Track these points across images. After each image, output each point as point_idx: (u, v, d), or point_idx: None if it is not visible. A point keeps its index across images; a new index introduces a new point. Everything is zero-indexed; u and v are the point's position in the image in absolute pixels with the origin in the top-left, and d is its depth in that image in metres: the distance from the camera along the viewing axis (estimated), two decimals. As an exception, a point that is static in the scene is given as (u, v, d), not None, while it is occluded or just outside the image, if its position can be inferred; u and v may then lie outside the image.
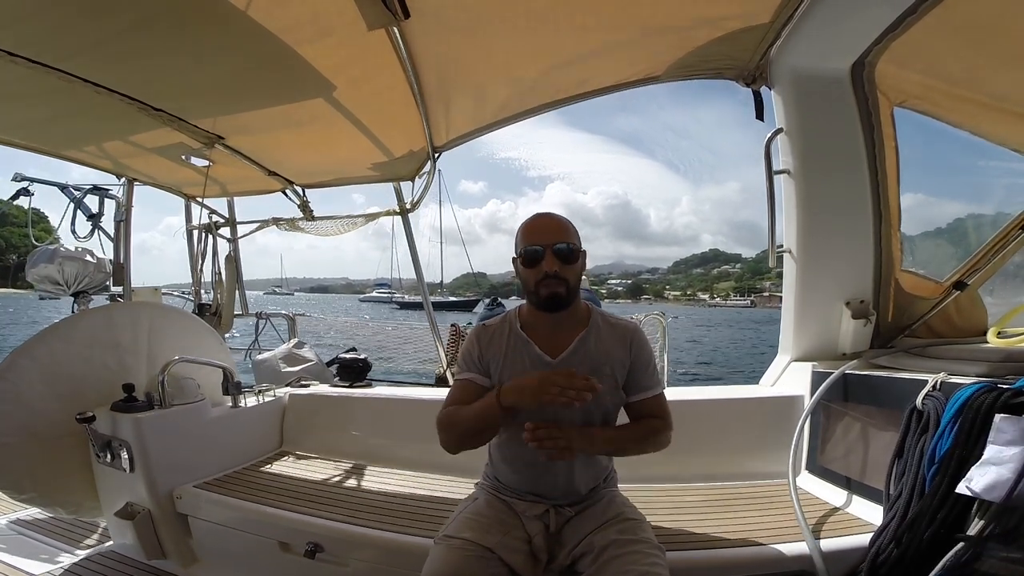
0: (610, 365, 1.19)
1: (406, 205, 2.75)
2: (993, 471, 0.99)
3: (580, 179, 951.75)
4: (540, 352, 1.20)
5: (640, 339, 1.23)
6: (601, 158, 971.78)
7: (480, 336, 1.26)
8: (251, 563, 1.68)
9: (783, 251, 1.90)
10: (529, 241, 1.16)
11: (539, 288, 1.15)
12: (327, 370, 2.96)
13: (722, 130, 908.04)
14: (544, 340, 1.21)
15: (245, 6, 1.36)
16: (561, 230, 1.17)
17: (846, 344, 1.82)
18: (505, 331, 1.25)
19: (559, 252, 1.14)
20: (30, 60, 1.55)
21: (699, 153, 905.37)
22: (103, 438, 1.73)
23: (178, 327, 2.18)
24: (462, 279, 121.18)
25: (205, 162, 2.49)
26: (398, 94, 1.84)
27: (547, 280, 1.14)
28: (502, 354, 1.22)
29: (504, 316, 1.30)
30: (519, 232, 1.20)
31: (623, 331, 1.23)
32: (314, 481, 1.90)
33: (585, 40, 1.63)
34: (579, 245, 1.19)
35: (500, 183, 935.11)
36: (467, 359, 1.25)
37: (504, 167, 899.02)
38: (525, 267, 1.17)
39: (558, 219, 1.21)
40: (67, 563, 1.82)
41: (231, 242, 3.41)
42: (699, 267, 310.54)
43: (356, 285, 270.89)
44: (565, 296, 1.15)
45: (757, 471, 1.77)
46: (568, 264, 1.15)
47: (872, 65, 1.65)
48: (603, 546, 1.08)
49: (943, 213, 2.19)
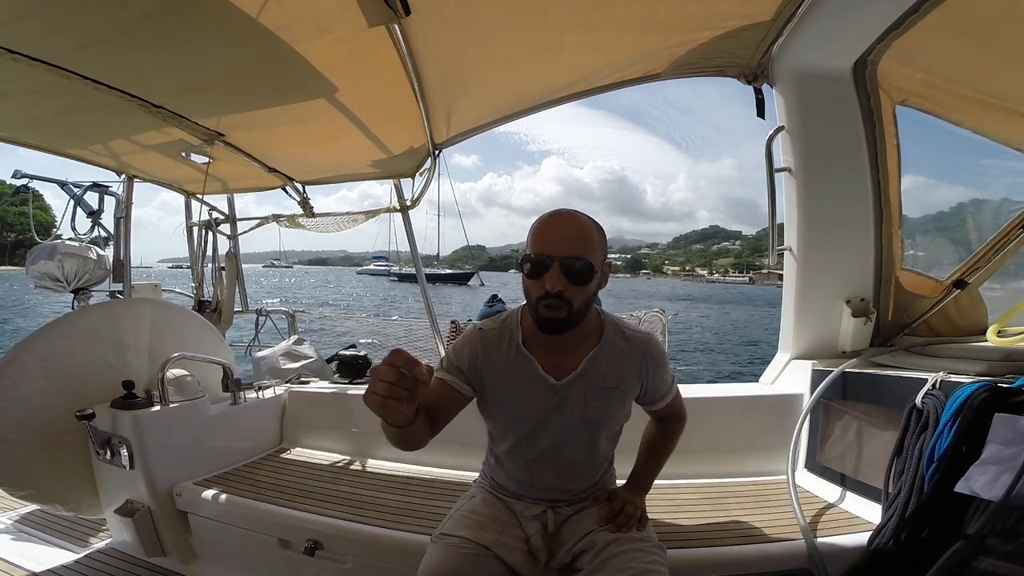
0: (620, 386, 1.12)
1: (406, 202, 2.75)
2: (992, 470, 0.99)
3: (579, 153, 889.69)
4: (544, 373, 1.10)
5: (655, 353, 1.15)
6: (601, 132, 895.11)
7: (477, 341, 1.14)
8: (251, 560, 1.68)
9: (783, 249, 1.90)
10: (537, 247, 0.99)
11: (539, 306, 0.99)
12: (327, 367, 2.96)
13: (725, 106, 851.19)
14: (548, 359, 1.10)
15: (245, 3, 1.35)
16: (578, 239, 0.99)
17: (846, 342, 1.82)
18: (505, 342, 1.13)
19: (569, 268, 0.96)
20: (29, 57, 1.55)
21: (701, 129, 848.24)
22: (103, 435, 1.73)
23: (178, 324, 2.18)
24: (461, 251, 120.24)
25: (205, 159, 2.48)
26: (398, 91, 1.84)
27: (547, 299, 0.97)
28: (500, 368, 1.12)
29: (505, 322, 1.16)
30: (531, 229, 1.03)
31: (638, 344, 1.13)
32: (314, 478, 1.90)
33: (586, 37, 1.63)
34: (598, 259, 1.01)
35: (494, 157, 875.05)
36: (455, 360, 1.14)
37: (504, 142, 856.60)
38: (527, 276, 1.01)
39: (580, 223, 1.01)
40: (67, 560, 1.83)
41: (231, 239, 3.40)
42: (699, 243, 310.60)
43: (355, 257, 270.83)
44: (565, 321, 0.99)
45: (756, 469, 1.77)
46: (577, 284, 0.97)
47: (874, 63, 1.65)
48: (603, 543, 1.09)
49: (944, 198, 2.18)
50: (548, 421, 1.13)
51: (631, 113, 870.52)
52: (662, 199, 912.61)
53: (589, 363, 1.11)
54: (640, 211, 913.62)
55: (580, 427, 1.14)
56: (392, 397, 0.80)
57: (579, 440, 1.16)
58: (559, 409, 1.12)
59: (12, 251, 54.46)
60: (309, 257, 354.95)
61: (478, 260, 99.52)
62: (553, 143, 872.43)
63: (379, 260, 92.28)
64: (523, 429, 1.15)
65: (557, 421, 1.13)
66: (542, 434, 1.14)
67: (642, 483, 1.26)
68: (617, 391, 1.13)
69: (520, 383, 1.11)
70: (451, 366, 1.14)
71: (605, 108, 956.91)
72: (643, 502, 1.22)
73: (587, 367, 1.10)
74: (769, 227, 1.90)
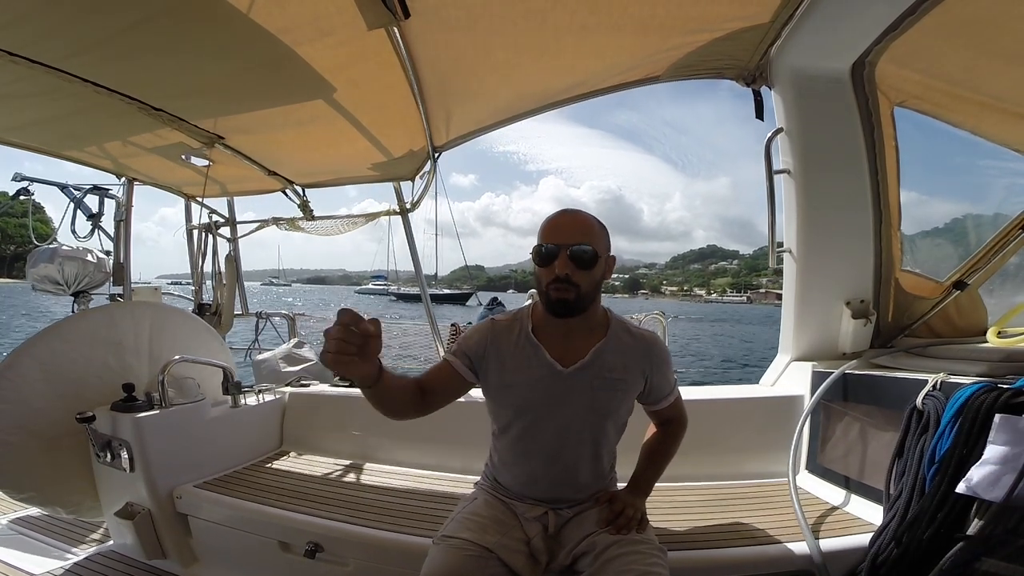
0: (626, 378, 1.16)
1: (406, 205, 2.75)
2: (993, 471, 0.99)
3: (576, 173, 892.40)
4: (551, 360, 1.14)
5: (659, 352, 1.19)
6: (599, 152, 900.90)
7: (488, 330, 1.20)
8: (251, 563, 1.68)
9: (783, 251, 1.90)
10: (546, 238, 1.10)
11: (549, 290, 1.09)
12: (327, 370, 2.95)
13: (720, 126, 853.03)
14: (557, 347, 1.16)
15: (245, 6, 1.36)
16: (583, 231, 1.10)
17: (846, 344, 1.82)
18: (515, 330, 1.19)
19: (575, 255, 1.07)
20: (30, 60, 1.55)
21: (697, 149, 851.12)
22: (103, 438, 1.73)
23: (179, 327, 2.18)
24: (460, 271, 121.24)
25: (205, 162, 2.49)
26: (398, 94, 1.84)
27: (557, 283, 1.07)
28: (508, 353, 1.17)
29: (516, 314, 1.23)
30: (541, 226, 1.13)
31: (643, 341, 1.18)
32: (314, 481, 1.90)
33: (585, 40, 1.63)
34: (602, 249, 1.11)
35: (492, 177, 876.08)
36: (463, 346, 1.20)
37: (503, 161, 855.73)
38: (538, 265, 1.11)
39: (583, 218, 1.12)
40: (67, 563, 1.82)
41: (231, 242, 3.41)
42: (696, 263, 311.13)
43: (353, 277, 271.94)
44: (574, 302, 1.08)
45: (757, 471, 1.77)
46: (583, 269, 1.07)
47: (872, 65, 1.65)
48: (604, 546, 1.09)
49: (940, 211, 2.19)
50: (554, 410, 1.14)
51: (628, 132, 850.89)
52: (658, 218, 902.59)
53: (596, 353, 1.15)
54: (637, 231, 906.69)
55: (586, 418, 1.15)
56: (342, 352, 0.86)
57: (584, 434, 1.16)
58: (565, 398, 1.14)
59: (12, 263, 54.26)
60: (307, 275, 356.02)
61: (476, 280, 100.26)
62: (551, 163, 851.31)
63: (378, 279, 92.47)
64: (528, 418, 1.16)
65: (563, 411, 1.14)
66: (547, 425, 1.15)
67: (642, 486, 1.27)
68: (623, 383, 1.15)
69: (527, 368, 1.15)
70: (459, 351, 1.19)
71: (603, 128, 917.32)
72: (643, 505, 1.23)
73: (594, 357, 1.14)
74: (768, 229, 1.90)
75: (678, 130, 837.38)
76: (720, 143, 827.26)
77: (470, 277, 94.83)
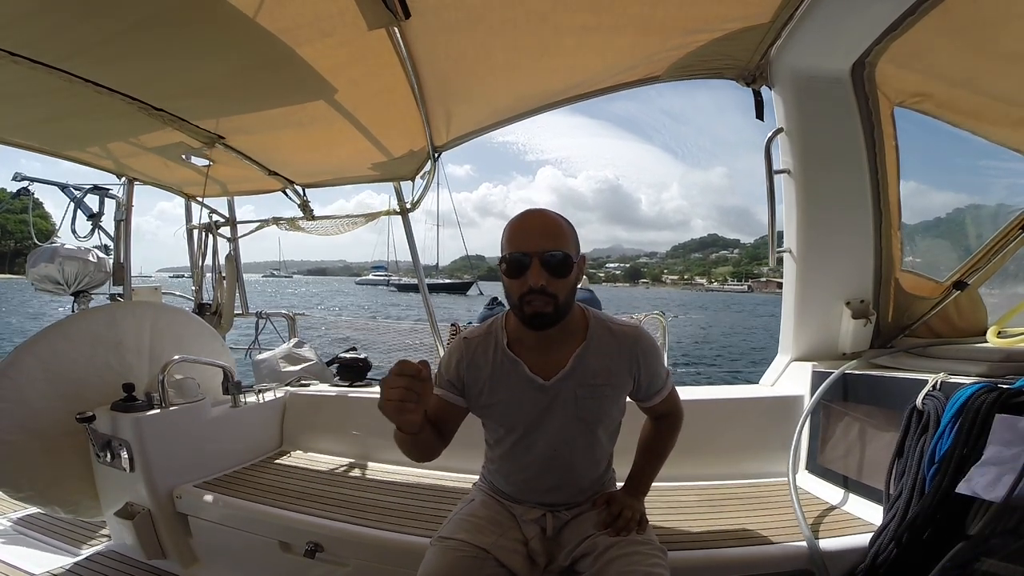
0: (612, 382, 1.11)
1: (406, 205, 2.75)
2: (993, 471, 0.99)
3: (574, 163, 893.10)
4: (532, 375, 1.09)
5: (645, 346, 1.13)
6: (597, 142, 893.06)
7: (462, 351, 1.14)
8: (251, 563, 1.68)
9: (783, 251, 1.90)
10: (514, 246, 1.00)
11: (523, 304, 1.00)
12: (327, 369, 2.95)
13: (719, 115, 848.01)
14: (535, 359, 1.10)
15: (245, 7, 1.36)
16: (553, 234, 1.01)
17: (846, 344, 1.82)
18: (491, 347, 1.12)
19: (548, 262, 0.98)
20: (31, 60, 1.56)
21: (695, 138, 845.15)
22: (103, 437, 1.73)
23: (179, 327, 2.18)
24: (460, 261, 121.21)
25: (205, 162, 2.49)
26: (398, 94, 1.84)
27: (532, 296, 0.98)
28: (487, 374, 1.11)
29: (489, 328, 1.15)
30: (504, 232, 1.03)
31: (625, 339, 1.11)
32: (314, 481, 1.90)
33: (585, 40, 1.63)
34: (575, 252, 1.03)
35: (490, 167, 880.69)
36: (444, 374, 1.15)
37: (501, 151, 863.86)
38: (508, 277, 1.01)
39: (551, 219, 1.03)
40: (67, 562, 1.82)
41: (231, 241, 3.41)
42: (697, 252, 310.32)
43: (354, 267, 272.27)
44: (553, 315, 1.00)
45: (757, 471, 1.77)
46: (559, 277, 0.99)
47: (872, 65, 1.65)
48: (605, 547, 1.08)
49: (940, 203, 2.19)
50: (542, 423, 1.12)
51: (627, 122, 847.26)
52: (656, 207, 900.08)
53: (577, 360, 1.09)
54: (635, 220, 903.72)
55: (575, 427, 1.13)
56: (408, 401, 0.86)
57: (577, 441, 1.14)
58: (551, 409, 1.11)
59: (12, 259, 54.53)
60: (308, 267, 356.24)
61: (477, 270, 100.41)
62: (550, 152, 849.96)
63: (378, 270, 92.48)
64: (518, 432, 1.14)
65: (551, 422, 1.12)
66: (538, 436, 1.13)
67: (640, 486, 1.25)
68: (609, 387, 1.10)
69: (509, 386, 1.11)
70: (442, 380, 1.15)
71: (602, 117, 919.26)
72: (642, 505, 1.21)
73: (575, 365, 1.09)
74: (768, 229, 1.90)
75: (677, 120, 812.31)
76: (719, 132, 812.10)
77: (471, 267, 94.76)
